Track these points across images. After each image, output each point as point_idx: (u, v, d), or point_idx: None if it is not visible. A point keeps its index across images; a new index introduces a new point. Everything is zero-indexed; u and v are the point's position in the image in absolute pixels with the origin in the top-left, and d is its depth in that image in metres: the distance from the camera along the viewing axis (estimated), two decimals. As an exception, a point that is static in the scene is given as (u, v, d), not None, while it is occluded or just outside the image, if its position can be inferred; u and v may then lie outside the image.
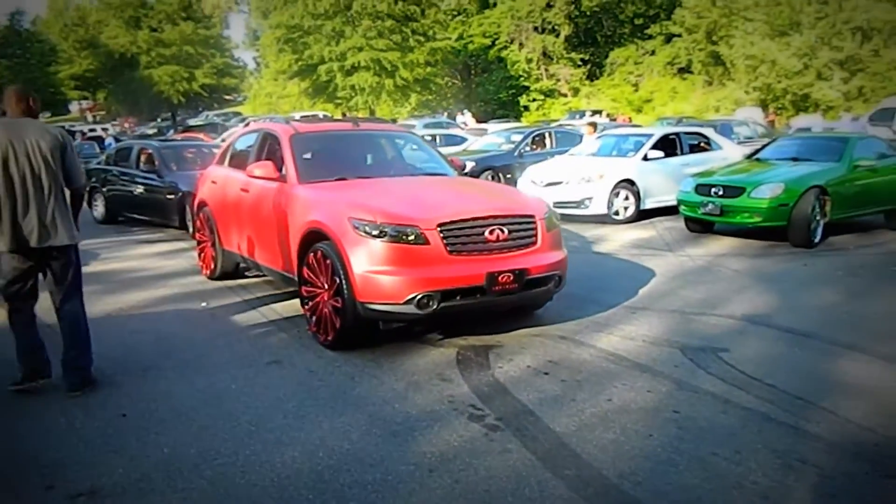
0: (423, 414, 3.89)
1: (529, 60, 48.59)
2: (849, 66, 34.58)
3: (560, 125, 20.90)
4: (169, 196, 9.85)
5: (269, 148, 6.42)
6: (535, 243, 5.03)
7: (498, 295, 4.78)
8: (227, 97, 57.42)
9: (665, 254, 8.49)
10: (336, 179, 5.60)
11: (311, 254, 5.04)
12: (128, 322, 5.80)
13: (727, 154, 12.19)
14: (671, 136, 11.83)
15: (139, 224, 11.21)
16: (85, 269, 7.99)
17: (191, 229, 9.56)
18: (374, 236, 4.61)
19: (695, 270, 7.54)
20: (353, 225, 4.70)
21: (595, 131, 13.54)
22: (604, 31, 50.31)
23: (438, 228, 4.64)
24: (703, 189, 9.26)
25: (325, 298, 4.95)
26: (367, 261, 4.60)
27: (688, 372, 4.50)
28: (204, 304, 6.31)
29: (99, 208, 11.66)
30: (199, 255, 7.48)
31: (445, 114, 39.68)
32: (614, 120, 34.09)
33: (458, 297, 4.67)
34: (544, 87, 48.74)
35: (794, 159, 9.58)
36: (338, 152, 6.18)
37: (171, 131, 34.40)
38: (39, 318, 4.48)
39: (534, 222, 5.07)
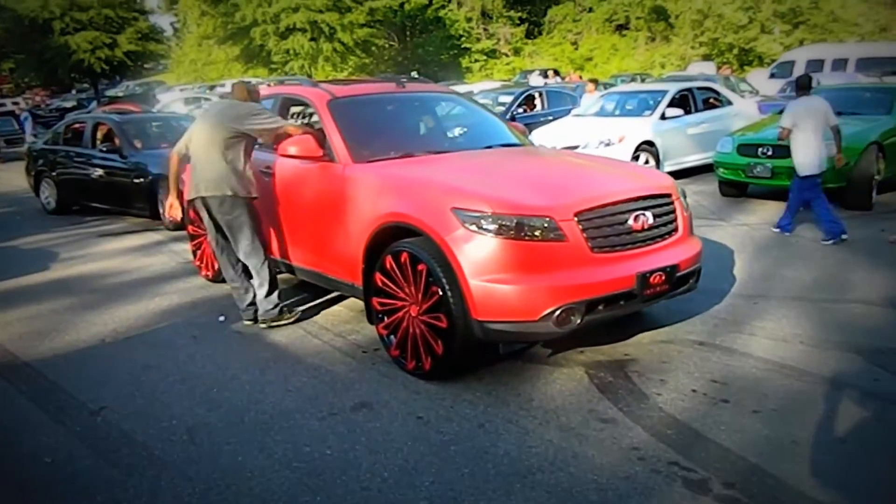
0: (620, 482, 2.81)
1: (469, 20, 47.16)
2: (790, 19, 34.68)
3: (548, 85, 19.83)
4: (136, 180, 8.25)
5: (290, 118, 5.10)
6: (676, 230, 3.97)
7: (645, 300, 3.71)
8: (147, 66, 53.55)
9: (719, 223, 7.59)
10: (401, 156, 4.36)
11: (390, 256, 3.83)
12: (132, 352, 4.45)
13: (740, 109, 11.40)
14: (684, 93, 10.89)
15: (93, 213, 9.53)
16: (50, 275, 6.57)
17: (163, 218, 8.11)
18: (492, 232, 3.44)
19: (772, 243, 6.66)
20: (459, 218, 3.50)
21: (596, 89, 12.51)
22: (540, -13, 49.21)
23: (576, 218, 3.50)
24: (746, 150, 8.39)
25: (415, 314, 3.77)
26: (486, 266, 3.43)
27: (898, 387, 3.56)
28: (222, 317, 5.01)
29: (49, 197, 9.84)
30: (195, 252, 6.10)
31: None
32: (564, 79, 33.10)
33: (601, 307, 3.57)
34: (485, 47, 47.41)
35: (839, 113, 8.77)
36: (391, 121, 4.90)
37: (94, 103, 31.37)
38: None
39: (672, 203, 4.00)
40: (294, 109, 5.40)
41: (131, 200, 8.46)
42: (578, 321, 3.48)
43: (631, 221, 3.67)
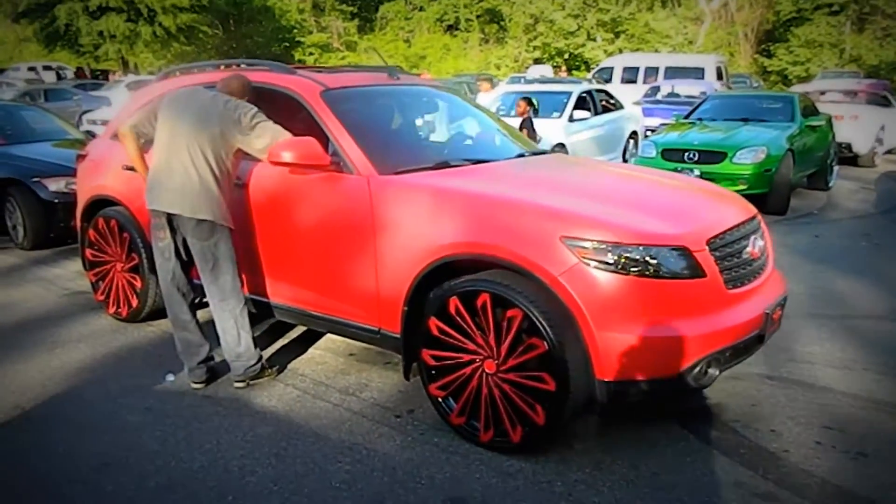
0: None
1: (301, 11, 45.38)
2: (611, 28, 37.06)
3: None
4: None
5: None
6: (769, 256, 3.46)
7: (760, 342, 3.14)
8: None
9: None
10: (436, 166, 3.45)
11: (456, 297, 2.94)
12: (67, 440, 3.13)
13: (630, 113, 11.53)
14: (583, 94, 10.73)
15: None
16: None
17: (12, 234, 6.38)
18: (619, 268, 2.69)
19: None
20: (572, 249, 2.71)
21: (492, 88, 12.02)
22: (370, -18, 48.68)
23: (708, 247, 2.86)
24: (672, 154, 8.30)
25: (492, 370, 2.93)
26: (616, 312, 2.67)
27: None
28: (171, 376, 3.77)
29: None
30: (96, 284, 4.69)
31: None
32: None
33: (728, 354, 2.95)
34: (319, 40, 45.84)
35: (745, 119, 8.98)
36: (403, 121, 3.93)
37: None
38: None
39: (761, 225, 3.49)
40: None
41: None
42: (717, 373, 2.85)
43: (749, 248, 3.10)
